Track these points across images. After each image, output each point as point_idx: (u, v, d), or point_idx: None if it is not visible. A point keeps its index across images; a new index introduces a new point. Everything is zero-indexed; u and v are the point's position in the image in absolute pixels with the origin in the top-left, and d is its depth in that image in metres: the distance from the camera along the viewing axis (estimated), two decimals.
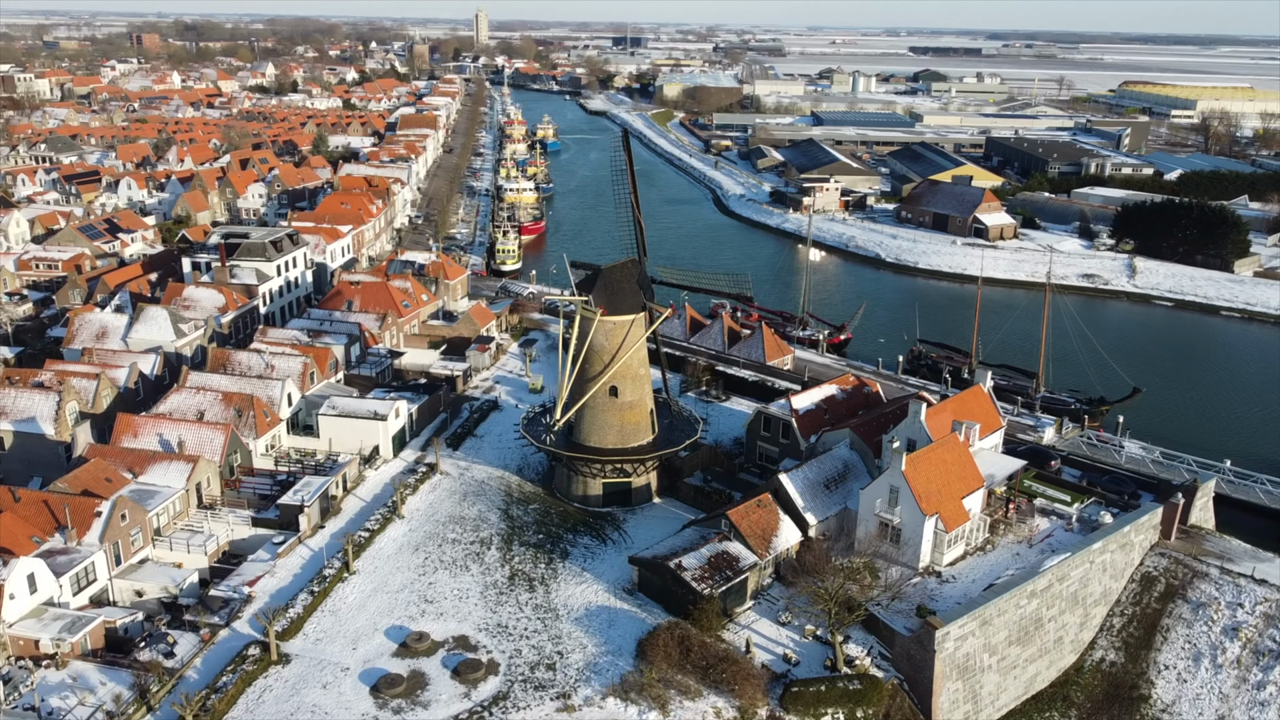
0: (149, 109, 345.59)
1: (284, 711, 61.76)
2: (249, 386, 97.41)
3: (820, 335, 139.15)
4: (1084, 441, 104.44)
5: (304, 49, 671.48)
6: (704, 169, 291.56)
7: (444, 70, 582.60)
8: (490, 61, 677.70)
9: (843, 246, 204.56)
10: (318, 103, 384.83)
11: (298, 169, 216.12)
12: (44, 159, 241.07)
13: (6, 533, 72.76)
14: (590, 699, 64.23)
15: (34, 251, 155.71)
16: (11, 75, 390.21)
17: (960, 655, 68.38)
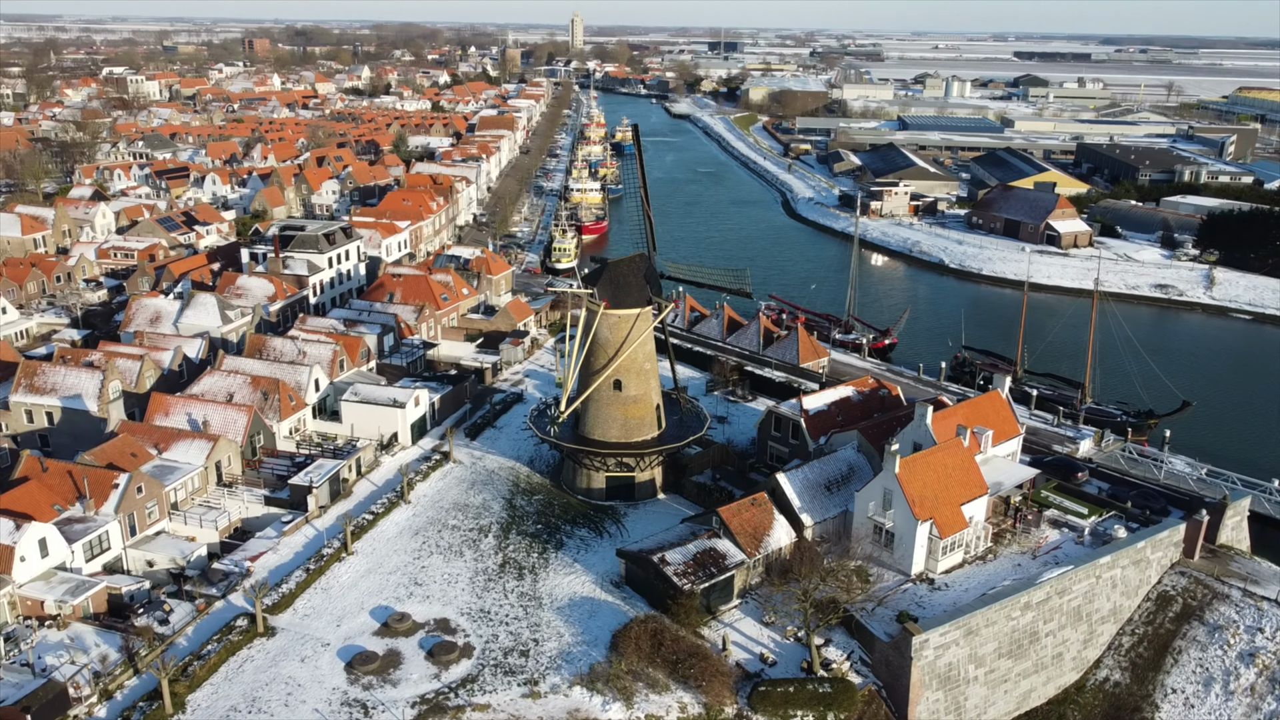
0: (247, 109, 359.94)
1: (260, 681, 63.78)
2: (278, 371, 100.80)
3: (864, 339, 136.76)
4: (1122, 455, 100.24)
5: (401, 53, 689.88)
6: (777, 172, 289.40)
7: (533, 74, 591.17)
8: (582, 65, 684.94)
9: (906, 251, 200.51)
10: (408, 105, 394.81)
11: (371, 167, 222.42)
12: (140, 155, 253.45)
13: (30, 499, 76.95)
14: (557, 686, 64.59)
15: (114, 241, 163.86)
16: (124, 77, 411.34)
17: (942, 665, 66.45)
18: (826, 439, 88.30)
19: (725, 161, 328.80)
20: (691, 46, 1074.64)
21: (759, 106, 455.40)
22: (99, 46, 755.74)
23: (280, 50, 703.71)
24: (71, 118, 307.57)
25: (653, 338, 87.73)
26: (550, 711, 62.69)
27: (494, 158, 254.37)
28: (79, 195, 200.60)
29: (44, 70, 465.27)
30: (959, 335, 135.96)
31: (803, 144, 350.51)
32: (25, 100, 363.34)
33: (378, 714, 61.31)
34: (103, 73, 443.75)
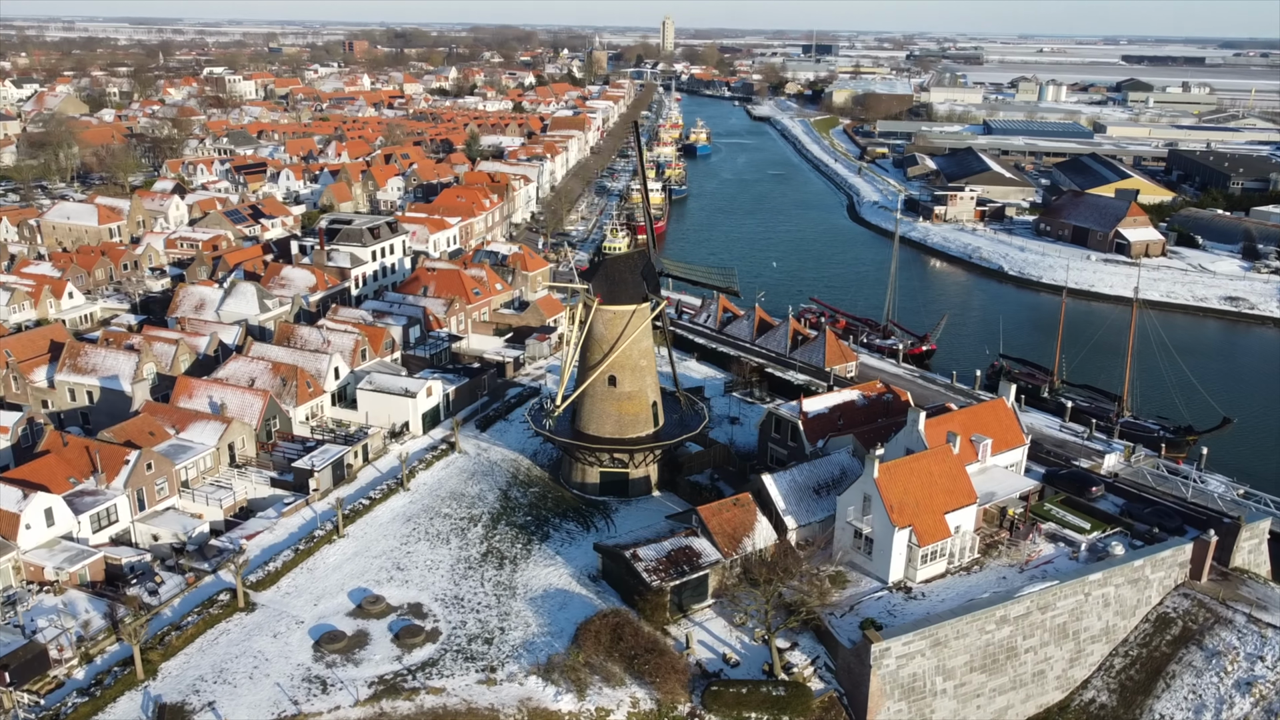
0: (334, 109, 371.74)
1: (231, 654, 66.11)
2: (301, 359, 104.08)
3: (900, 345, 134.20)
4: (1150, 471, 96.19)
5: (491, 55, 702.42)
6: (846, 175, 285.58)
7: (619, 75, 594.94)
8: (669, 68, 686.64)
9: (965, 257, 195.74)
10: (490, 105, 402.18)
11: (437, 165, 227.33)
12: (224, 151, 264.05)
13: (48, 472, 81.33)
14: (514, 675, 65.32)
15: (181, 232, 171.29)
16: (223, 77, 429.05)
17: (905, 675, 64.95)
18: (824, 442, 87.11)
19: (797, 164, 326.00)
20: (786, 49, 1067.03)
21: (841, 109, 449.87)
22: (210, 49, 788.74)
23: (376, 52, 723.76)
24: (168, 115, 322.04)
25: (650, 335, 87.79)
26: (502, 699, 63.46)
27: (560, 157, 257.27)
28: (161, 189, 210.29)
29: (150, 70, 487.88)
30: (998, 343, 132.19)
31: (880, 148, 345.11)
32: (130, 98, 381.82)
33: (335, 691, 62.97)
34: (204, 73, 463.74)
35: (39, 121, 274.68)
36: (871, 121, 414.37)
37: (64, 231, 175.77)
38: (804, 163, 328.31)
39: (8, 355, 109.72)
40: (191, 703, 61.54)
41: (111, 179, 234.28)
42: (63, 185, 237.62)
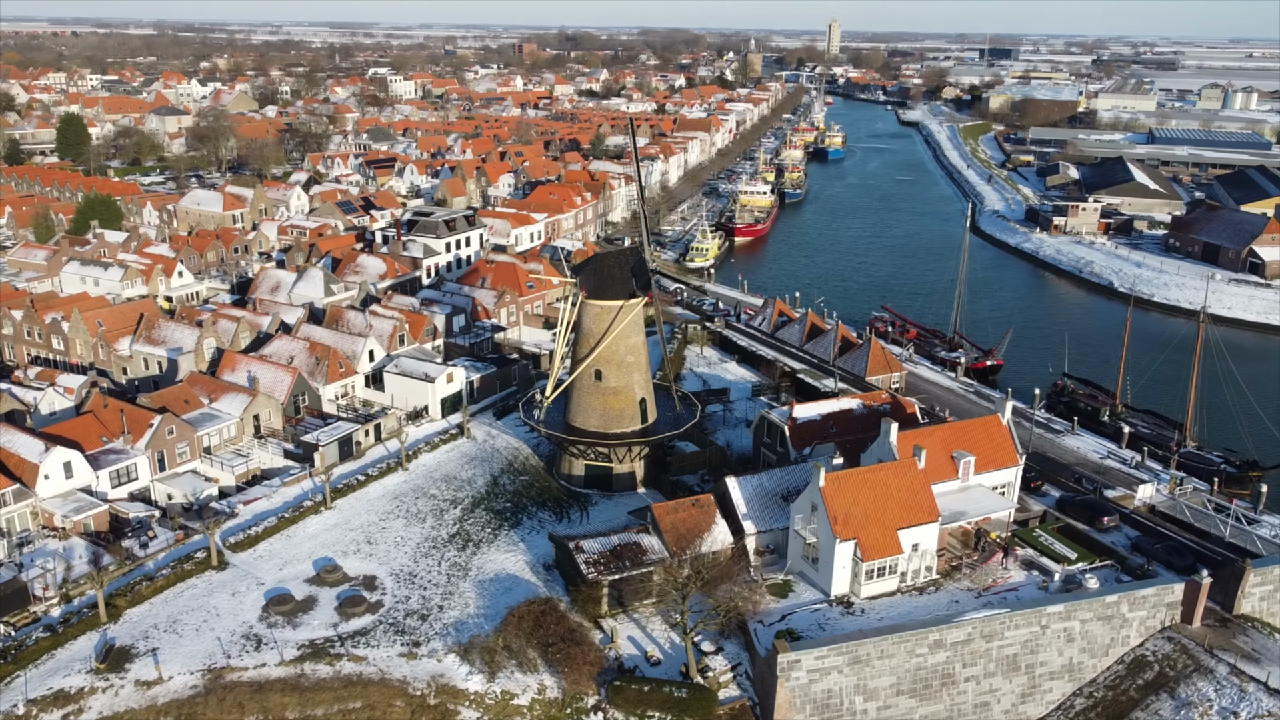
0: (481, 108, 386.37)
1: (188, 607, 71.01)
2: (339, 341, 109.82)
3: (963, 358, 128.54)
4: (1191, 505, 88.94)
5: (647, 57, 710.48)
6: (977, 182, 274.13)
7: (773, 78, 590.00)
8: (826, 71, 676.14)
9: (1075, 271, 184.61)
10: (634, 106, 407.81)
11: (552, 163, 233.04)
12: (363, 147, 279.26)
13: (83, 430, 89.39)
14: (434, 651, 67.31)
15: (292, 220, 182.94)
16: (384, 77, 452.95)
17: (818, 690, 62.95)
18: (811, 449, 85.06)
19: (930, 169, 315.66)
20: (963, 53, 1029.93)
21: (996, 115, 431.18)
22: (391, 50, 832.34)
23: (541, 54, 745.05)
24: (325, 112, 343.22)
25: (639, 331, 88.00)
26: (416, 673, 65.56)
27: (676, 158, 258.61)
28: (295, 180, 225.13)
29: (322, 71, 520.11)
30: (1064, 360, 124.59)
31: (1025, 155, 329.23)
32: (298, 96, 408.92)
33: (265, 649, 66.69)
34: (369, 73, 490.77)
35: (207, 116, 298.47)
36: (1026, 128, 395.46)
37: (195, 216, 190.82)
38: (938, 169, 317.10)
39: (99, 325, 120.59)
40: (138, 647, 66.57)
41: (257, 170, 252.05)
42: (216, 175, 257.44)
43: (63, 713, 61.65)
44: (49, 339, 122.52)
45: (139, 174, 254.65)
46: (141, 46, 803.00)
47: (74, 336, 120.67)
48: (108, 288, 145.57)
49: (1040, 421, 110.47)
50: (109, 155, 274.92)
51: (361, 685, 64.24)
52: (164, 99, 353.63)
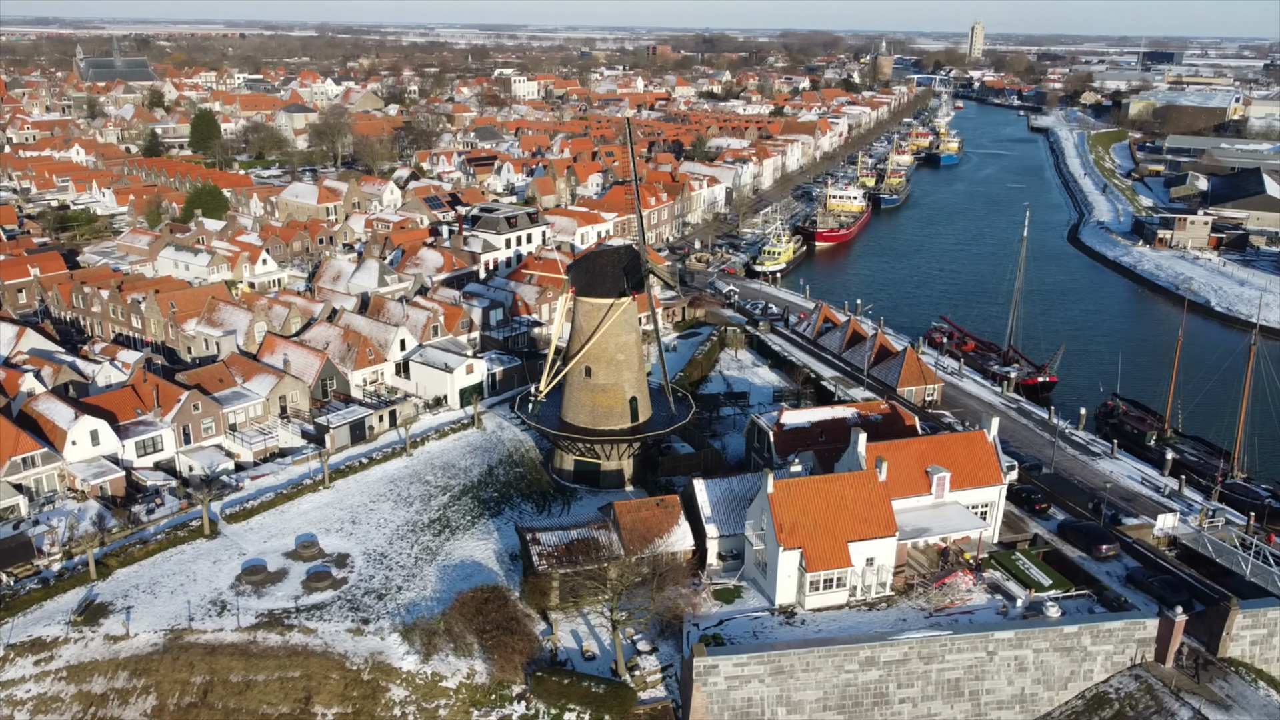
0: (598, 109, 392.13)
1: (170, 571, 75.69)
2: (374, 329, 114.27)
3: (1013, 373, 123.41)
4: (1214, 540, 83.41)
5: (775, 59, 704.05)
6: (1090, 191, 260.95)
7: (903, 81, 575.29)
8: (962, 74, 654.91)
9: (1171, 287, 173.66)
10: (750, 109, 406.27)
11: (644, 162, 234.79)
12: (469, 145, 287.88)
13: (120, 401, 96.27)
14: (380, 629, 69.70)
15: (378, 214, 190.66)
16: (508, 78, 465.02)
17: (738, 698, 62.16)
18: (795, 456, 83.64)
19: (1047, 177, 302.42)
20: (1121, 56, 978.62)
21: (1134, 122, 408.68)
22: (530, 52, 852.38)
23: (673, 56, 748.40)
24: (445, 111, 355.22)
25: (632, 330, 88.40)
26: (358, 649, 68.08)
27: (771, 161, 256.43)
28: (398, 176, 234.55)
29: (450, 71, 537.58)
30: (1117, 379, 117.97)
31: (1155, 165, 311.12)
32: (425, 95, 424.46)
33: (227, 615, 70.50)
34: (494, 74, 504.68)
35: (331, 114, 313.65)
36: (1165, 136, 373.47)
37: (292, 208, 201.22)
38: (1055, 176, 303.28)
39: (172, 306, 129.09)
40: (116, 604, 71.49)
41: (366, 165, 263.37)
42: (330, 169, 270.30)
43: (35, 659, 66.89)
44: (129, 318, 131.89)
45: (260, 167, 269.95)
46: (298, 48, 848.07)
47: (149, 316, 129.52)
48: (196, 272, 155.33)
49: (1080, 443, 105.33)
50: (238, 149, 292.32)
51: (304, 656, 67.20)
52: (298, 97, 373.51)
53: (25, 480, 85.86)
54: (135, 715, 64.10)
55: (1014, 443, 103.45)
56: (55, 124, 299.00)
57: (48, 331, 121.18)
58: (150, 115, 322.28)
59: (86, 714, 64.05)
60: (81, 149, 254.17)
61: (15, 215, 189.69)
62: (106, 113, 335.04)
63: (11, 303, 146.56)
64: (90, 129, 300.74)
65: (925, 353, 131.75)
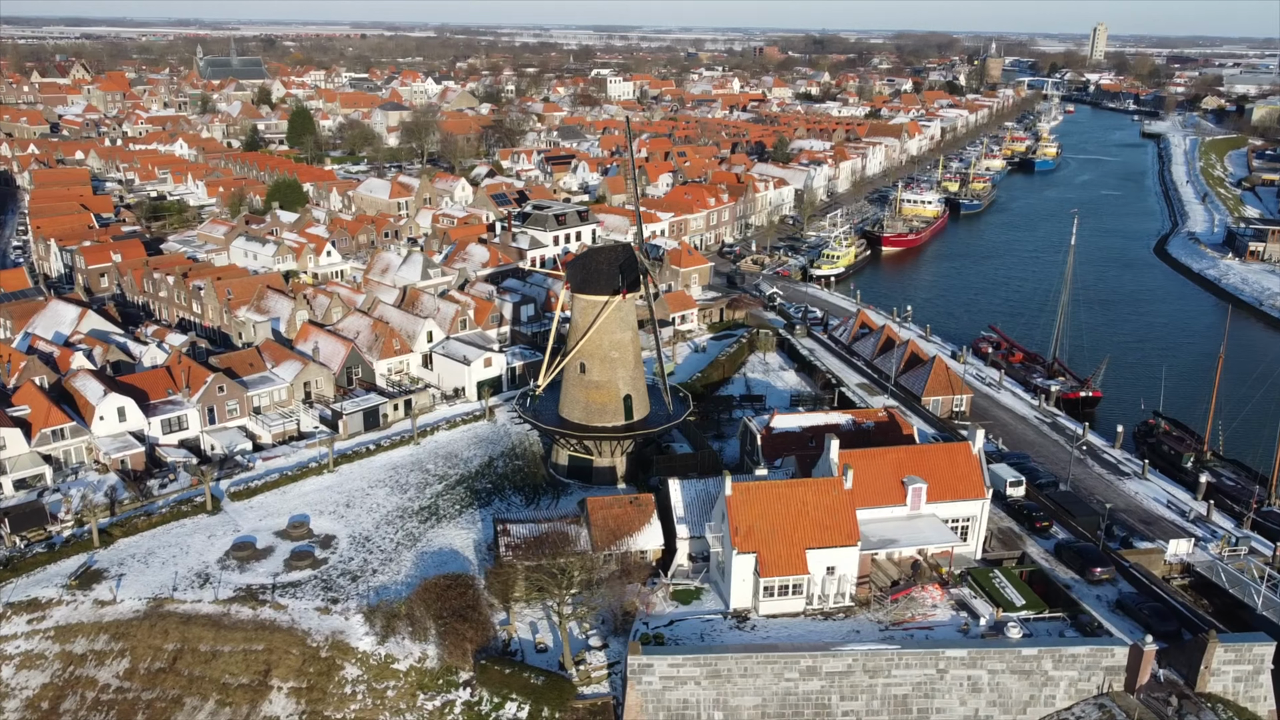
0: (690, 110, 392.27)
1: (167, 543, 79.57)
2: (404, 320, 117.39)
3: (1054, 387, 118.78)
4: (1228, 569, 79.00)
5: (879, 60, 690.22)
6: (1189, 200, 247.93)
7: (1010, 84, 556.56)
8: (1078, 76, 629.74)
9: (1254, 303, 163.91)
10: (845, 110, 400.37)
11: (704, 163, 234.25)
12: (551, 144, 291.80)
13: (153, 381, 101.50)
14: (346, 610, 71.80)
15: (445, 210, 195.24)
16: (604, 78, 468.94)
17: (674, 699, 61.84)
18: (781, 461, 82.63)
19: (1149, 184, 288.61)
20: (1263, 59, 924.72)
21: (1255, 128, 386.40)
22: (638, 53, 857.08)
23: (781, 57, 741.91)
24: (536, 110, 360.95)
25: (626, 328, 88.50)
26: (321, 627, 70.33)
27: (849, 163, 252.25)
28: (477, 173, 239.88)
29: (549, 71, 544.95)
30: (1160, 396, 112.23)
31: (1271, 174, 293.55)
32: (521, 94, 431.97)
33: (208, 588, 73.76)
34: (591, 73, 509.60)
35: (422, 112, 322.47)
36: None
37: (367, 202, 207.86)
38: (1157, 184, 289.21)
39: (228, 293, 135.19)
40: (110, 571, 75.61)
41: (449, 163, 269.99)
42: (416, 165, 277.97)
43: (29, 617, 71.33)
44: (190, 303, 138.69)
45: (350, 163, 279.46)
46: (414, 48, 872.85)
47: (207, 302, 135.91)
48: (263, 261, 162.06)
49: (1111, 461, 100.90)
50: (333, 145, 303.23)
51: (270, 630, 69.82)
52: (397, 96, 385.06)
53: (55, 451, 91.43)
54: (108, 676, 67.69)
55: (1039, 458, 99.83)
56: (168, 119, 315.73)
57: (110, 313, 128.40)
58: (255, 112, 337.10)
59: (65, 672, 67.94)
60: (185, 143, 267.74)
61: (112, 204, 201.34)
62: (218, 109, 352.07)
63: (94, 285, 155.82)
64: (199, 125, 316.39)
65: (969, 362, 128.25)
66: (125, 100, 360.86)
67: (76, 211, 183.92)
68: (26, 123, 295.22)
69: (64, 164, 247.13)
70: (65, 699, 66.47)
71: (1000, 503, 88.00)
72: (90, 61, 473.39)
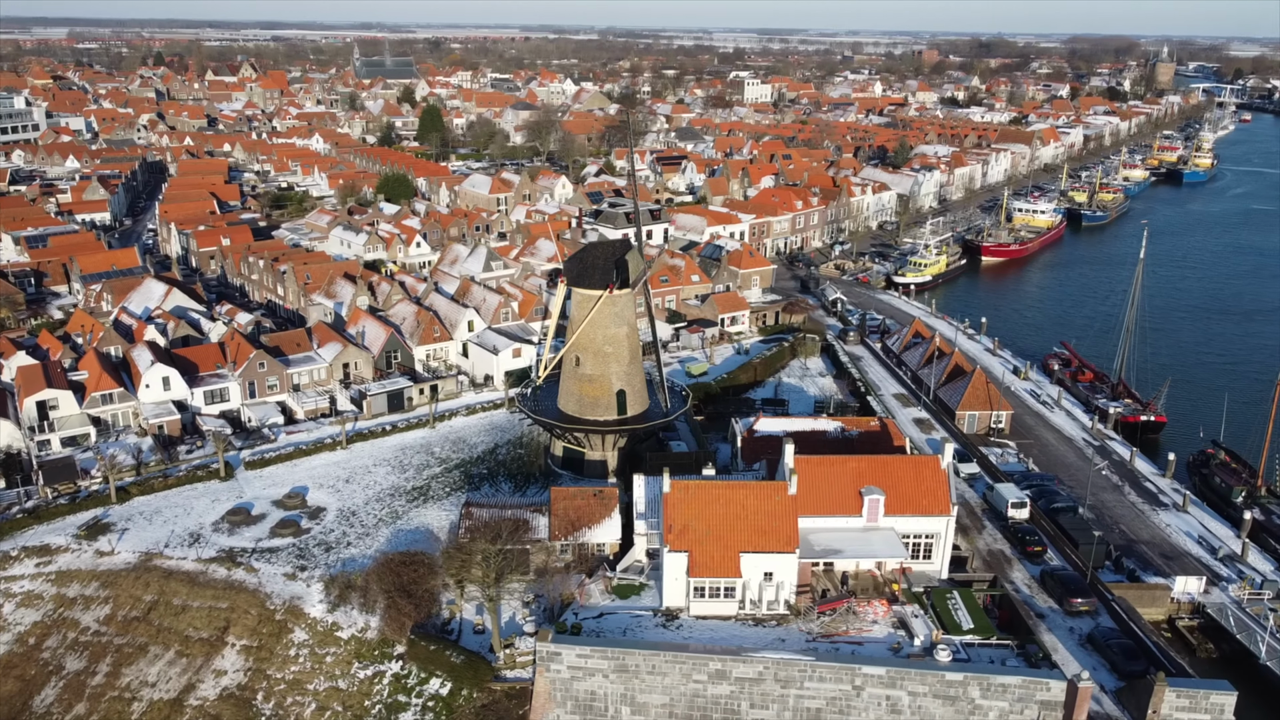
0: (824, 113, 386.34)
1: (174, 504, 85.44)
2: (450, 310, 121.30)
3: (1111, 408, 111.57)
4: (1239, 613, 73.04)
5: (1039, 64, 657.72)
6: None
7: (1181, 90, 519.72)
8: (1262, 82, 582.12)
9: None
10: (991, 116, 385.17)
11: (813, 166, 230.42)
12: (669, 145, 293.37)
13: (204, 355, 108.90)
14: (310, 577, 75.27)
15: (539, 207, 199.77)
16: (742, 80, 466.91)
17: (582, 690, 61.95)
18: (761, 464, 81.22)
19: None
20: None
21: None
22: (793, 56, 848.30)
23: (943, 60, 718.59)
24: (664, 112, 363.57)
25: (621, 323, 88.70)
26: (283, 591, 73.99)
27: (965, 170, 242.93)
28: (587, 172, 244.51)
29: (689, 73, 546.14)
30: (1220, 425, 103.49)
31: None
32: (657, 95, 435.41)
33: (195, 547, 78.82)
34: (730, 75, 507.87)
35: (545, 112, 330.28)
36: None
37: (470, 197, 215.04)
38: None
39: (306, 278, 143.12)
40: (117, 526, 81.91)
41: (564, 162, 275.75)
42: (537, 162, 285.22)
43: (37, 561, 78.17)
44: (275, 286, 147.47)
45: (473, 159, 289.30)
46: (573, 50, 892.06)
47: (288, 286, 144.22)
48: (355, 250, 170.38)
49: (1151, 491, 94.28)
50: (463, 143, 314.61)
51: (237, 591, 74.05)
52: (533, 96, 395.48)
53: (104, 414, 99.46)
54: (90, 620, 73.43)
55: (1071, 482, 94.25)
56: (314, 116, 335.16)
57: (197, 292, 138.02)
58: (396, 110, 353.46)
59: (55, 613, 74.12)
60: (321, 138, 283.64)
61: (239, 193, 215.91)
62: (364, 107, 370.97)
63: (204, 266, 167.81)
64: (342, 121, 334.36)
65: (1030, 378, 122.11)
66: (282, 97, 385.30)
67: (203, 199, 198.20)
68: (187, 117, 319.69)
69: (211, 155, 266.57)
70: (50, 637, 72.51)
71: (1000, 524, 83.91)
72: (262, 61, 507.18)
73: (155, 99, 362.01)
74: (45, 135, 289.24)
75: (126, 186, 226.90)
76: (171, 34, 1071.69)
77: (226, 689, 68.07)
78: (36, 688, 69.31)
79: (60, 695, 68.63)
